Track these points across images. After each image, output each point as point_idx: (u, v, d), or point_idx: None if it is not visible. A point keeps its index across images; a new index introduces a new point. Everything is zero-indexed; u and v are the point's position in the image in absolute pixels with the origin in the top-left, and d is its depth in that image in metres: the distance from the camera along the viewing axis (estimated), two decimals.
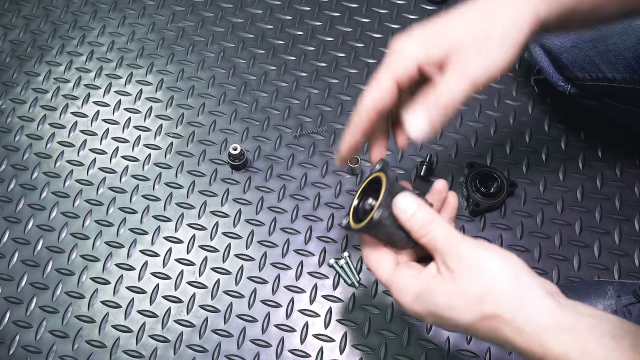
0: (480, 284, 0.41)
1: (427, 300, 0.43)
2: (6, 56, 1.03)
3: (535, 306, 0.40)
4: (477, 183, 0.84)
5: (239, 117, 0.96)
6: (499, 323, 0.41)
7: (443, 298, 0.42)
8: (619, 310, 0.71)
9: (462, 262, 0.42)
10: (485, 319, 0.41)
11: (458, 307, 0.42)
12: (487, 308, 0.41)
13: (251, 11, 1.06)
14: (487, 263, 0.42)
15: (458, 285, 0.42)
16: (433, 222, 0.44)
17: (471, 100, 0.95)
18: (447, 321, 0.43)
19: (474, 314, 0.41)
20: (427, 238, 0.44)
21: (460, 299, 0.41)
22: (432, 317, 0.44)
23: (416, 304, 0.44)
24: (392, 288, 0.46)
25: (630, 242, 0.84)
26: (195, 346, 0.79)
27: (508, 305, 0.40)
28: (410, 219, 0.44)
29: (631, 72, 0.74)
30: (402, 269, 0.46)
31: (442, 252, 0.43)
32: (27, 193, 0.90)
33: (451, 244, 0.43)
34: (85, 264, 0.85)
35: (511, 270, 0.42)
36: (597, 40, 0.75)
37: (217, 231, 0.86)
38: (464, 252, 0.42)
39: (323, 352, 0.78)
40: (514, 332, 0.40)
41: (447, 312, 0.42)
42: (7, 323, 0.81)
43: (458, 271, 0.42)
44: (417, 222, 0.44)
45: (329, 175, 0.90)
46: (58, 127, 0.96)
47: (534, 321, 0.40)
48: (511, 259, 0.42)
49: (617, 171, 0.89)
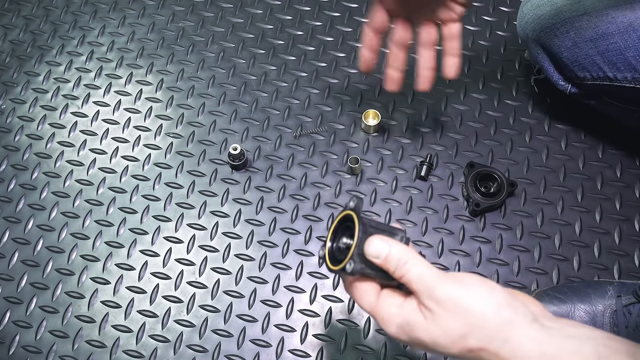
0: (461, 324, 0.41)
1: (410, 334, 0.43)
2: (6, 56, 1.03)
3: (519, 337, 0.40)
4: (477, 183, 0.84)
5: (239, 117, 0.96)
6: (484, 354, 0.41)
7: (425, 335, 0.42)
8: (619, 310, 0.71)
9: (439, 304, 0.42)
10: (471, 351, 0.41)
11: (441, 344, 0.42)
12: (471, 343, 0.41)
13: (251, 11, 1.06)
14: (466, 303, 0.42)
15: (438, 325, 0.42)
16: (407, 262, 0.44)
17: (471, 100, 0.95)
18: (432, 351, 0.44)
19: (457, 348, 0.42)
20: (405, 278, 0.44)
21: (443, 337, 0.42)
22: (418, 347, 0.44)
23: (400, 334, 0.44)
24: (377, 318, 0.46)
25: (630, 242, 0.84)
26: (195, 346, 0.79)
27: (493, 340, 0.41)
28: (384, 263, 0.44)
29: (632, 72, 0.74)
30: (385, 298, 0.46)
31: (420, 292, 0.43)
32: (27, 193, 0.90)
33: (427, 285, 0.43)
34: (85, 264, 0.85)
35: (491, 306, 0.41)
36: (597, 40, 0.75)
37: (217, 231, 0.86)
38: (440, 294, 0.42)
39: (323, 352, 0.78)
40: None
41: (431, 347, 0.43)
42: (7, 323, 0.81)
43: (437, 312, 0.42)
44: (391, 265, 0.44)
45: (329, 175, 0.90)
46: (58, 127, 0.96)
47: (520, 352, 0.40)
48: (490, 294, 0.42)
49: (617, 171, 0.89)
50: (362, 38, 0.74)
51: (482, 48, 1.00)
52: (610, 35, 0.74)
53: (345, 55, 1.00)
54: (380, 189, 0.89)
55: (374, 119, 0.92)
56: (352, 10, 1.05)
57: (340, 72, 0.99)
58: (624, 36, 0.73)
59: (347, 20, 1.04)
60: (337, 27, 1.04)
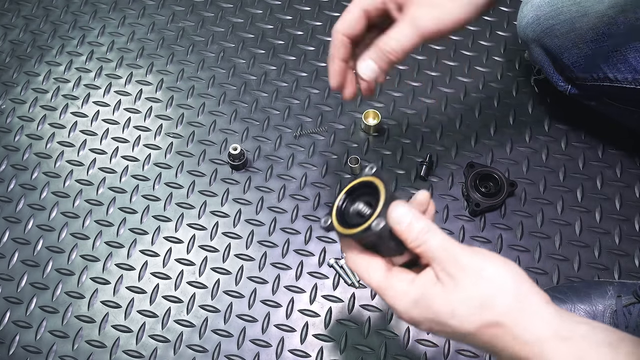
0: (482, 291, 0.41)
1: (426, 307, 0.42)
2: (6, 56, 1.03)
3: (535, 314, 0.40)
4: (477, 183, 0.84)
5: (239, 117, 0.96)
6: (500, 331, 0.40)
7: (444, 305, 0.41)
8: (619, 310, 0.71)
9: (463, 269, 0.41)
10: (486, 326, 0.40)
11: (460, 314, 0.41)
12: (488, 315, 0.40)
13: (251, 11, 1.06)
14: (488, 271, 0.41)
15: (460, 293, 0.41)
16: (429, 231, 0.43)
17: (471, 100, 0.95)
18: (446, 328, 0.42)
19: (475, 321, 0.41)
20: (424, 247, 0.43)
21: (462, 307, 0.41)
22: (429, 324, 0.43)
23: (414, 310, 0.43)
24: (386, 293, 0.44)
25: (630, 242, 0.84)
26: (195, 346, 0.79)
27: (510, 314, 0.40)
28: (405, 230, 0.43)
29: (632, 72, 0.74)
30: (397, 274, 0.45)
31: (442, 260, 0.42)
32: (27, 193, 0.90)
33: (450, 252, 0.42)
34: (85, 264, 0.85)
35: (512, 278, 0.41)
36: (597, 41, 0.75)
37: (217, 231, 0.86)
38: (464, 260, 0.42)
39: (323, 352, 0.78)
40: (513, 341, 0.40)
41: (447, 319, 0.41)
42: (7, 323, 0.81)
43: (459, 278, 0.41)
44: (412, 232, 0.43)
45: (329, 175, 0.90)
46: (58, 127, 0.96)
47: (534, 330, 0.40)
48: (511, 267, 0.42)
49: (617, 171, 0.89)
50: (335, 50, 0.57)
51: (482, 48, 1.00)
52: (610, 35, 0.74)
53: None
54: None
55: (374, 119, 0.92)
56: None
57: None
58: (624, 37, 0.73)
59: None
60: None
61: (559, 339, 0.39)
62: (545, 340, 0.39)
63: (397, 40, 0.52)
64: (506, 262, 0.42)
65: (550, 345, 0.39)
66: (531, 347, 0.39)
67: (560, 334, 0.39)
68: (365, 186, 0.47)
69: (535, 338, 0.39)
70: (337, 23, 0.54)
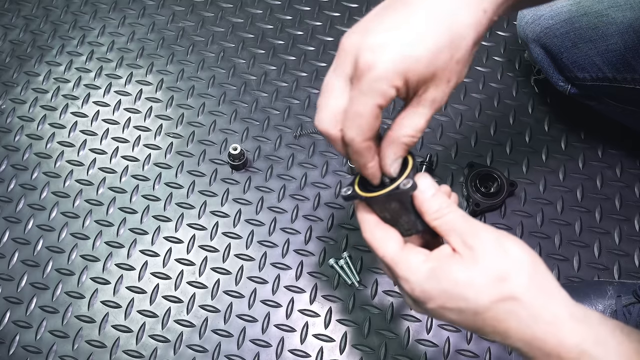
0: (502, 263, 0.40)
1: (442, 276, 0.41)
2: (6, 56, 1.03)
3: (552, 294, 0.40)
4: (477, 183, 0.84)
5: (239, 117, 0.96)
6: (516, 307, 0.39)
7: (462, 274, 0.40)
8: (619, 310, 0.71)
9: (482, 241, 0.41)
10: (503, 300, 0.39)
11: (477, 284, 0.40)
12: (506, 288, 0.39)
13: (251, 11, 1.06)
14: (507, 246, 0.41)
15: (479, 263, 0.40)
16: (451, 205, 0.43)
17: (471, 100, 0.95)
18: (459, 302, 0.40)
19: (492, 293, 0.39)
20: (444, 220, 0.42)
21: (481, 276, 0.40)
22: (442, 299, 0.41)
23: (428, 282, 0.41)
24: (400, 266, 0.43)
25: (630, 242, 0.84)
26: (195, 346, 0.79)
27: (528, 290, 0.39)
28: (428, 199, 0.43)
29: (631, 72, 0.74)
30: (412, 247, 0.44)
31: (462, 232, 0.42)
32: (27, 193, 0.90)
33: (471, 225, 0.42)
34: (85, 264, 0.85)
35: (530, 255, 0.41)
36: (597, 40, 0.75)
37: (217, 231, 0.86)
38: (484, 234, 0.41)
39: (323, 352, 0.78)
40: (529, 319, 0.39)
41: (464, 289, 0.40)
42: (7, 323, 0.81)
43: (479, 249, 0.41)
44: (435, 204, 0.43)
45: (329, 175, 0.90)
46: (58, 127, 0.96)
47: (551, 310, 0.39)
48: (528, 249, 0.42)
49: (617, 171, 0.89)
50: None
51: (482, 48, 1.00)
52: (610, 36, 0.74)
53: None
54: None
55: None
56: (352, 10, 1.05)
57: None
58: (623, 37, 0.73)
59: (347, 20, 1.04)
60: (337, 27, 1.04)
61: (575, 320, 0.39)
62: (563, 320, 0.39)
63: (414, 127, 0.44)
64: (524, 244, 0.42)
65: (568, 326, 0.39)
66: (548, 327, 0.39)
67: (575, 316, 0.39)
68: None
69: (552, 318, 0.39)
70: (349, 131, 0.42)
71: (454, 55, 0.42)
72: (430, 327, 0.79)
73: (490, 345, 0.78)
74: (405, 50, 0.41)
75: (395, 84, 0.41)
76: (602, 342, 0.39)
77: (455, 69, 0.43)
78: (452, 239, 0.42)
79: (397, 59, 0.41)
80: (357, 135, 0.42)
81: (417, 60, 0.41)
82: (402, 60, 0.41)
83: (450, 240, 0.42)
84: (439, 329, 0.79)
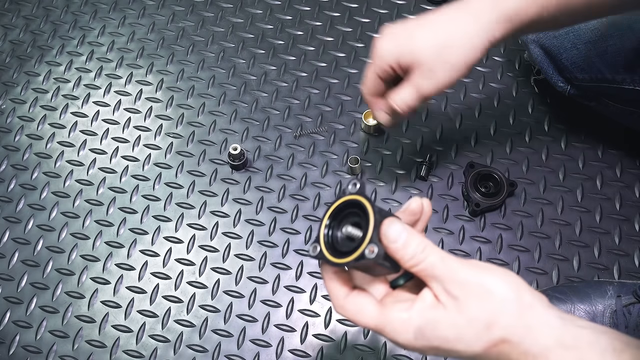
0: (487, 309, 0.40)
1: (431, 335, 0.40)
2: (6, 56, 1.03)
3: (539, 324, 0.40)
4: (477, 183, 0.85)
5: (239, 117, 0.96)
6: (507, 347, 0.40)
7: (450, 330, 0.40)
8: (619, 310, 0.71)
9: (464, 287, 0.40)
10: (494, 345, 0.40)
11: (467, 338, 0.40)
12: (495, 334, 0.39)
13: (251, 11, 1.06)
14: (489, 286, 0.40)
15: (464, 314, 0.40)
16: (426, 249, 0.41)
17: (471, 100, 0.95)
18: (452, 353, 0.41)
19: (483, 342, 0.40)
20: (421, 266, 0.41)
21: (468, 329, 0.40)
22: (435, 351, 0.41)
23: (418, 340, 0.41)
24: (386, 330, 0.41)
25: (630, 242, 0.84)
26: (195, 346, 0.79)
27: (515, 329, 0.39)
28: (401, 249, 0.41)
29: (631, 73, 0.74)
30: (391, 305, 0.42)
31: (442, 279, 0.40)
32: (27, 193, 0.90)
33: (451, 268, 0.40)
34: (85, 264, 0.85)
35: (513, 290, 0.40)
36: (596, 41, 0.75)
37: (217, 231, 0.86)
38: (464, 277, 0.40)
39: (323, 352, 0.78)
40: (520, 356, 0.39)
41: (453, 345, 0.40)
42: (7, 323, 0.81)
43: (462, 298, 0.40)
44: (408, 251, 0.40)
45: (329, 175, 0.90)
46: (58, 127, 0.96)
47: (539, 342, 0.39)
48: (510, 277, 0.41)
49: (617, 171, 0.89)
50: None
51: None
52: (610, 37, 0.74)
53: (345, 55, 1.01)
54: (380, 189, 0.89)
55: (374, 119, 0.92)
56: (352, 10, 1.05)
57: (340, 72, 0.99)
58: (622, 38, 0.73)
59: (347, 20, 1.04)
60: (337, 27, 1.04)
61: (563, 348, 0.39)
62: (551, 351, 0.39)
63: (401, 99, 0.65)
64: (504, 273, 0.41)
65: (556, 355, 0.39)
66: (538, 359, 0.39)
67: (564, 343, 0.39)
68: (350, 205, 0.43)
69: (541, 350, 0.39)
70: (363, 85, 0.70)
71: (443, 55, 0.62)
72: None
73: None
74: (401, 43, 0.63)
75: (390, 64, 0.64)
76: None
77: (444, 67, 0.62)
78: (433, 285, 0.41)
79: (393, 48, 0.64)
80: (364, 88, 0.70)
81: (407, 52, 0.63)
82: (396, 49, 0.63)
83: (432, 287, 0.41)
84: None
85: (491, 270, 0.41)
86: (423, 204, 0.46)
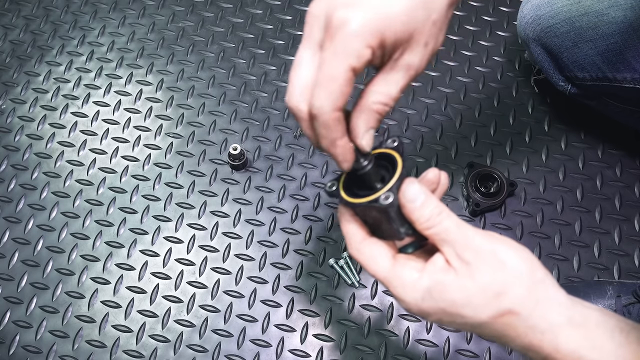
0: (498, 277, 0.39)
1: (439, 297, 0.39)
2: (6, 56, 1.03)
3: (549, 302, 0.39)
4: (477, 183, 0.84)
5: (239, 117, 0.96)
6: (514, 319, 0.39)
7: (460, 294, 0.39)
8: (619, 310, 0.71)
9: (477, 254, 0.39)
10: (501, 315, 0.39)
11: (475, 303, 0.39)
12: (504, 304, 0.39)
13: (251, 11, 1.06)
14: (503, 256, 0.40)
15: (476, 280, 0.39)
16: (442, 213, 0.40)
17: (471, 100, 0.95)
18: (458, 318, 0.40)
19: (490, 310, 0.39)
20: (436, 229, 0.40)
21: (478, 295, 0.39)
22: (440, 315, 0.40)
23: (425, 301, 0.40)
24: (394, 284, 0.41)
25: (630, 242, 0.84)
26: (195, 346, 0.79)
27: (525, 302, 0.39)
28: (418, 209, 0.40)
29: (631, 72, 0.74)
30: (403, 262, 0.42)
31: (455, 244, 0.40)
32: (27, 193, 0.90)
33: (465, 234, 0.40)
34: (85, 264, 0.85)
35: (526, 264, 0.40)
36: (597, 40, 0.75)
37: (217, 231, 0.86)
38: (479, 244, 0.40)
39: (323, 352, 0.78)
40: (527, 329, 0.39)
41: (462, 309, 0.39)
42: (7, 323, 0.81)
43: (475, 264, 0.39)
44: (425, 212, 0.40)
45: (329, 175, 0.90)
46: (58, 127, 0.96)
47: (548, 318, 0.39)
48: (524, 252, 0.41)
49: (617, 171, 0.89)
50: None
51: (482, 48, 1.00)
52: (610, 35, 0.74)
53: None
54: None
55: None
56: None
57: None
58: (624, 36, 0.73)
59: None
60: None
61: (572, 326, 0.39)
62: (559, 328, 0.39)
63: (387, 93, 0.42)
64: (519, 247, 0.41)
65: (564, 333, 0.39)
66: (544, 335, 0.39)
67: (573, 321, 0.39)
68: (383, 158, 0.43)
69: (549, 326, 0.39)
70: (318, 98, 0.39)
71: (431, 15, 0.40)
72: (430, 327, 0.79)
73: (490, 345, 0.78)
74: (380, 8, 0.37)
75: (370, 44, 0.38)
76: (598, 347, 0.38)
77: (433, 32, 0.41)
78: (445, 250, 0.40)
79: (373, 17, 0.37)
80: (326, 102, 0.39)
81: (394, 18, 0.38)
82: (378, 18, 0.37)
83: (444, 251, 0.41)
84: (439, 329, 0.79)
85: (506, 242, 0.41)
86: (440, 175, 0.45)
